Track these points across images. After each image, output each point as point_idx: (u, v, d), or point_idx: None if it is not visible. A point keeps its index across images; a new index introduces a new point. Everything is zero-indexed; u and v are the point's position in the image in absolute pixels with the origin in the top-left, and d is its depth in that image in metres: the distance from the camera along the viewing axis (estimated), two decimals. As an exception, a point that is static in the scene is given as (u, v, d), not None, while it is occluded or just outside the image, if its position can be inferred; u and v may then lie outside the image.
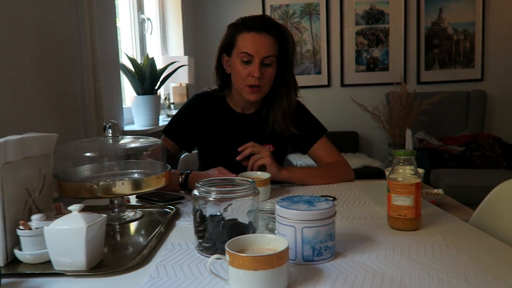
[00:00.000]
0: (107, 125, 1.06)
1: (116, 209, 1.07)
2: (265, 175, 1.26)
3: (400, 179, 0.94)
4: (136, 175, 1.09)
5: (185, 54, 3.49)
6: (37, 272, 0.76)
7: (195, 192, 0.83)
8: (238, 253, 0.65)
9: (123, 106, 2.29)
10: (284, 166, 1.43)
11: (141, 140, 1.13)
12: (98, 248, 0.79)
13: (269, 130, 1.47)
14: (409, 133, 1.91)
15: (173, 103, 3.19)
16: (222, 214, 0.82)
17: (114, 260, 0.82)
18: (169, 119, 1.69)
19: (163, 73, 2.46)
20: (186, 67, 3.02)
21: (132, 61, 2.31)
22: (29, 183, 0.88)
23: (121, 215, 1.07)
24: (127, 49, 2.84)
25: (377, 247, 0.84)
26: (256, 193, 0.84)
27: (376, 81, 4.18)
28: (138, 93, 2.38)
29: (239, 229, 0.81)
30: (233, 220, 0.82)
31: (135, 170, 1.10)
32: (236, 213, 0.82)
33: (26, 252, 0.79)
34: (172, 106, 3.15)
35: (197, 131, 1.50)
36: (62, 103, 1.67)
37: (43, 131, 0.97)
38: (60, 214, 0.88)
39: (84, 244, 0.74)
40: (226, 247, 0.66)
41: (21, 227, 0.80)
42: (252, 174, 1.29)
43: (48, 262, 0.78)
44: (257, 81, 1.36)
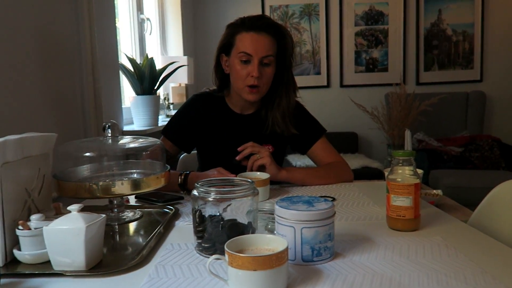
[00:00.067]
0: (107, 125, 1.06)
1: (116, 209, 1.07)
2: (265, 176, 1.26)
3: (399, 180, 0.94)
4: (135, 175, 1.09)
5: (184, 54, 3.49)
6: (36, 272, 0.76)
7: (195, 192, 0.83)
8: (238, 254, 0.65)
9: (123, 106, 2.30)
10: (284, 166, 1.44)
11: (140, 140, 1.13)
12: (98, 248, 0.79)
13: (268, 130, 1.47)
14: (408, 134, 1.91)
15: (172, 103, 3.19)
16: (221, 215, 0.82)
17: (113, 260, 0.82)
18: (168, 119, 1.69)
19: (162, 73, 2.46)
20: (186, 67, 3.02)
21: (132, 61, 2.31)
22: (28, 183, 0.88)
23: (121, 215, 1.07)
24: (127, 49, 2.84)
25: (376, 247, 0.85)
26: (256, 193, 0.84)
27: (375, 82, 4.19)
28: (138, 93, 2.38)
29: (239, 230, 0.81)
30: (233, 221, 0.82)
31: (134, 170, 1.10)
32: (235, 214, 0.82)
33: (25, 252, 0.79)
34: (171, 106, 3.15)
35: (196, 132, 1.50)
36: (62, 103, 1.66)
37: (42, 131, 0.97)
38: (59, 214, 0.88)
39: (83, 244, 0.74)
40: (225, 248, 0.66)
41: (20, 227, 0.80)
42: (251, 175, 1.29)
43: (47, 262, 0.78)
44: (256, 81, 1.36)
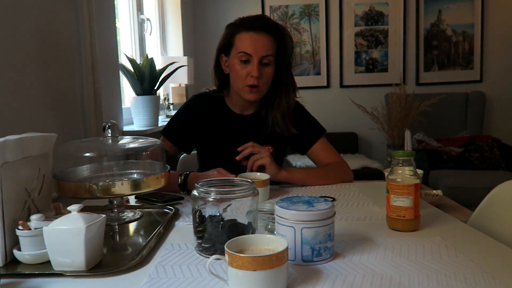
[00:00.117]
0: (107, 125, 1.06)
1: (115, 210, 1.07)
2: (265, 176, 1.26)
3: (399, 180, 0.94)
4: (135, 176, 1.09)
5: (184, 55, 3.49)
6: (36, 273, 0.76)
7: (195, 192, 0.83)
8: (238, 254, 0.65)
9: (122, 106, 2.30)
10: (283, 167, 1.43)
11: (140, 141, 1.13)
12: (97, 249, 0.79)
13: (268, 130, 1.47)
14: (408, 134, 1.91)
15: (172, 104, 3.19)
16: (221, 215, 0.82)
17: (113, 261, 0.82)
18: (168, 119, 1.69)
19: (162, 73, 2.46)
20: (186, 67, 3.02)
21: (132, 61, 2.31)
22: (28, 183, 0.88)
23: (121, 215, 1.07)
24: (127, 49, 2.84)
25: (376, 247, 0.85)
26: (256, 193, 0.84)
27: (375, 82, 4.19)
28: (138, 94, 2.38)
29: (239, 230, 0.81)
30: (233, 221, 0.82)
31: (134, 171, 1.10)
32: (235, 214, 0.82)
33: (25, 252, 0.79)
34: (171, 107, 3.15)
35: (195, 133, 1.50)
36: (62, 103, 1.66)
37: (42, 131, 0.97)
38: (59, 214, 0.88)
39: (83, 244, 0.74)
40: (225, 248, 0.66)
41: (20, 227, 0.80)
42: (251, 175, 1.29)
43: (47, 263, 0.78)
44: (255, 81, 1.36)
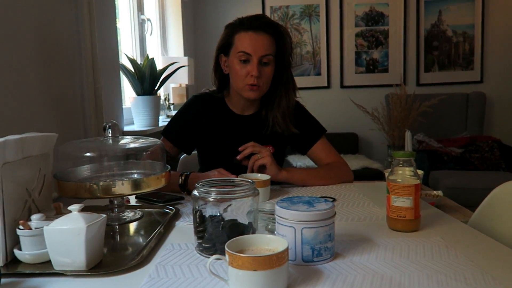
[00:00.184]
0: (107, 125, 1.06)
1: (116, 209, 1.07)
2: (265, 176, 1.26)
3: (400, 180, 0.94)
4: (135, 176, 1.09)
5: (185, 55, 3.50)
6: (37, 272, 0.76)
7: (195, 192, 0.83)
8: (238, 254, 0.65)
9: (123, 106, 2.30)
10: (284, 167, 1.44)
11: (140, 141, 1.13)
12: (98, 248, 0.79)
13: (268, 131, 1.47)
14: (408, 135, 1.91)
15: (172, 104, 3.19)
16: (221, 215, 0.82)
17: (113, 260, 0.82)
18: (168, 119, 1.69)
19: (163, 73, 2.46)
20: (186, 68, 3.02)
21: (132, 61, 2.31)
22: (28, 183, 0.88)
23: (121, 215, 1.07)
24: (127, 49, 2.84)
25: (376, 248, 0.85)
26: (256, 193, 0.84)
27: (375, 83, 4.19)
28: (138, 94, 2.38)
29: (239, 230, 0.81)
30: (233, 221, 0.82)
31: (134, 171, 1.11)
32: (235, 214, 0.82)
33: (25, 252, 0.79)
34: (171, 107, 3.16)
35: (195, 133, 1.50)
36: (62, 103, 1.67)
37: (42, 131, 0.97)
38: (60, 214, 0.88)
39: (83, 244, 0.74)
40: (226, 248, 0.66)
41: (20, 226, 0.80)
42: (252, 176, 1.29)
43: (48, 262, 0.78)
44: (255, 80, 1.36)
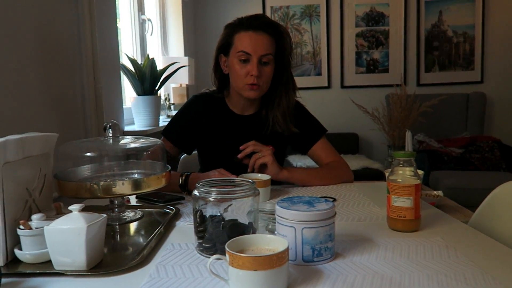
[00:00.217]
0: (108, 125, 1.07)
1: (116, 209, 1.07)
2: (265, 177, 1.26)
3: (400, 181, 0.94)
4: (136, 175, 1.09)
5: (185, 55, 3.50)
6: (37, 272, 0.76)
7: (195, 192, 0.83)
8: (238, 253, 0.65)
9: (123, 106, 2.30)
10: (284, 167, 1.43)
11: (141, 141, 1.13)
12: (98, 248, 0.79)
13: (269, 130, 1.47)
14: (408, 135, 1.91)
15: (173, 104, 3.19)
16: (222, 215, 0.82)
17: (114, 260, 0.82)
18: (169, 119, 1.69)
19: (163, 73, 2.46)
20: (186, 68, 3.02)
21: (133, 61, 2.31)
22: (29, 183, 0.88)
23: (121, 215, 1.07)
24: (128, 49, 2.84)
25: (376, 248, 0.85)
26: (256, 193, 0.84)
27: (376, 83, 4.19)
28: (138, 94, 2.38)
29: (239, 230, 0.81)
30: (233, 221, 0.82)
31: (135, 171, 1.11)
32: (236, 214, 0.82)
33: (26, 252, 0.79)
34: (172, 107, 3.16)
35: (196, 133, 1.50)
36: (62, 103, 1.67)
37: (43, 131, 0.97)
38: (60, 214, 0.88)
39: (84, 244, 0.74)
40: (226, 247, 0.66)
41: (21, 226, 0.80)
42: (252, 176, 1.29)
43: (48, 262, 0.78)
44: (255, 80, 1.36)
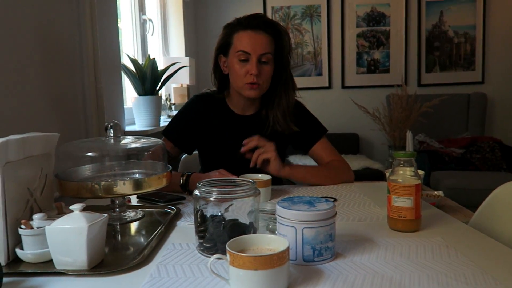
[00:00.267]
0: (109, 125, 1.07)
1: (117, 209, 1.07)
2: (266, 177, 1.26)
3: (400, 181, 0.94)
4: (137, 175, 1.10)
5: (186, 55, 3.50)
6: (39, 271, 0.76)
7: (196, 192, 0.84)
8: (239, 253, 0.65)
9: (124, 106, 2.30)
10: (286, 163, 1.43)
11: (142, 141, 1.13)
12: (99, 248, 0.79)
13: (269, 130, 1.47)
14: (409, 135, 1.91)
15: (174, 104, 3.20)
16: (223, 215, 0.82)
17: (115, 260, 0.82)
18: (170, 119, 1.69)
19: (164, 74, 2.46)
20: (187, 68, 3.03)
21: (133, 61, 2.31)
22: (30, 183, 0.88)
23: (122, 215, 1.07)
24: (129, 49, 2.85)
25: (377, 248, 0.85)
26: (257, 193, 0.84)
27: (376, 83, 4.19)
28: (139, 94, 2.38)
29: (240, 230, 0.82)
30: (234, 221, 0.82)
31: (136, 170, 1.11)
32: (237, 214, 0.82)
33: (27, 251, 0.80)
34: (173, 107, 3.16)
35: (196, 133, 1.50)
36: (64, 103, 1.67)
37: (44, 131, 0.97)
38: (62, 213, 0.88)
39: (85, 244, 0.74)
40: (227, 247, 0.66)
41: (22, 226, 0.80)
42: (253, 176, 1.29)
43: (50, 261, 0.78)
44: (255, 79, 1.36)
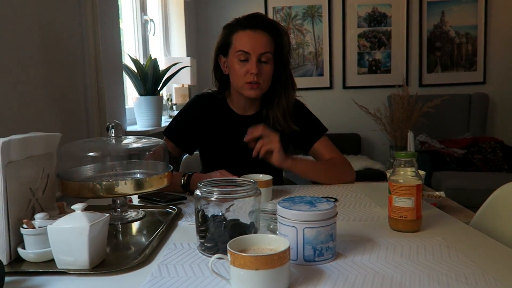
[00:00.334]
0: (110, 125, 1.07)
1: (119, 209, 1.07)
2: (267, 177, 1.26)
3: (401, 181, 0.94)
4: (138, 175, 1.10)
5: (187, 55, 3.50)
6: (40, 271, 0.77)
7: (197, 192, 0.84)
8: (240, 253, 0.65)
9: (126, 106, 2.30)
10: (289, 155, 1.42)
11: (143, 141, 1.13)
12: (101, 247, 0.80)
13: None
14: (410, 136, 1.91)
15: (175, 104, 3.20)
16: (224, 215, 0.82)
17: (116, 259, 0.83)
18: (171, 119, 1.69)
19: (165, 74, 2.47)
20: (189, 68, 3.03)
21: (135, 62, 2.32)
22: (32, 182, 0.89)
23: (124, 215, 1.08)
24: (130, 50, 2.85)
25: (377, 248, 0.85)
26: (258, 193, 0.84)
27: (378, 84, 4.19)
28: (141, 94, 2.39)
29: (241, 230, 0.82)
30: (235, 221, 0.82)
31: (137, 170, 1.11)
32: (238, 214, 0.82)
33: (29, 251, 0.80)
34: (174, 107, 3.16)
35: (197, 133, 1.50)
36: (65, 103, 1.67)
37: (46, 131, 0.98)
38: (63, 213, 0.89)
39: (87, 243, 0.75)
40: (228, 247, 0.66)
41: (24, 225, 0.80)
42: (254, 176, 1.29)
43: (51, 261, 0.78)
44: (255, 78, 1.36)
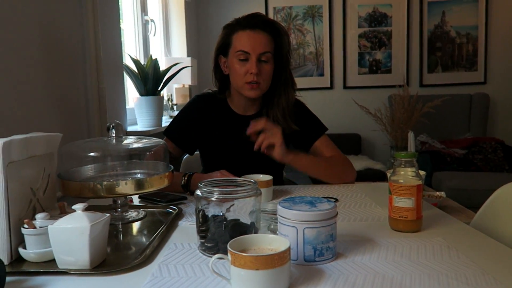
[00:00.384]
0: (111, 126, 1.07)
1: (119, 209, 1.08)
2: (267, 177, 1.26)
3: (402, 181, 0.94)
4: (139, 175, 1.10)
5: (188, 56, 3.50)
6: (41, 271, 0.77)
7: (198, 192, 0.84)
8: (240, 253, 0.65)
9: (126, 106, 2.31)
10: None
11: (144, 141, 1.14)
12: (102, 247, 0.80)
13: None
14: (411, 136, 1.91)
15: (176, 104, 3.20)
16: (224, 215, 0.82)
17: (117, 259, 0.83)
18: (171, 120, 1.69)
19: (166, 74, 2.47)
20: (189, 68, 3.03)
21: (136, 62, 2.32)
22: (33, 182, 0.89)
23: (124, 215, 1.08)
24: (131, 50, 2.85)
25: (378, 248, 0.85)
26: (258, 193, 0.84)
27: (378, 84, 4.19)
28: (141, 94, 2.39)
29: (241, 230, 0.82)
30: (235, 221, 0.83)
31: (138, 170, 1.11)
32: (238, 214, 0.83)
33: (30, 251, 0.80)
34: (175, 107, 3.16)
35: (198, 133, 1.50)
36: (66, 104, 1.68)
37: (47, 131, 0.98)
38: (64, 213, 0.89)
39: (87, 243, 0.75)
40: (228, 247, 0.67)
41: (25, 225, 0.81)
42: (254, 176, 1.29)
43: (52, 261, 0.78)
44: (255, 77, 1.36)
